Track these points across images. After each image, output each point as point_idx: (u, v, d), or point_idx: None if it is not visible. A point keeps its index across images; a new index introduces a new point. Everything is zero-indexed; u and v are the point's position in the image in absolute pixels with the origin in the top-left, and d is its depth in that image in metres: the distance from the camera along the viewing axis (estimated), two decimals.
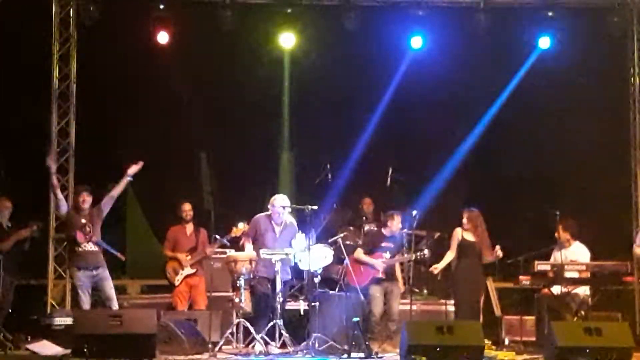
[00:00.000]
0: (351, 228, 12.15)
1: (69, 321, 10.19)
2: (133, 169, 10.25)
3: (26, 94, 12.33)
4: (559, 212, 10.78)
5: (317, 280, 10.41)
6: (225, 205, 12.50)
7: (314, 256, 10.39)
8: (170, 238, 11.24)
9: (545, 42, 12.73)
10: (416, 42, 12.83)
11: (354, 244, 11.37)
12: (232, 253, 10.70)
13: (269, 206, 10.59)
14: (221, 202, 12.66)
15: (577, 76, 12.59)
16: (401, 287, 11.06)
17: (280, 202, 10.54)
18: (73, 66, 12.52)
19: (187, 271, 11.10)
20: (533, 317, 11.08)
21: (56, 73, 12.48)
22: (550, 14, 12.49)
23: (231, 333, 10.21)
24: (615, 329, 9.38)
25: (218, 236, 10.91)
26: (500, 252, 10.84)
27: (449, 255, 11.00)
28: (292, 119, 13.29)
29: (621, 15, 12.51)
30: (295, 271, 10.70)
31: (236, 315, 10.35)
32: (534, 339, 10.94)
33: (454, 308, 11.03)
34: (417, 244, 11.44)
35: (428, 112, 13.04)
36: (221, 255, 11.16)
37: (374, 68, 13.05)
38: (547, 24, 12.60)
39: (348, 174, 12.79)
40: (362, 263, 10.83)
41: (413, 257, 10.86)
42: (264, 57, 12.98)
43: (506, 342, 11.21)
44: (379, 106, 13.19)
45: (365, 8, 12.58)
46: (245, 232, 10.64)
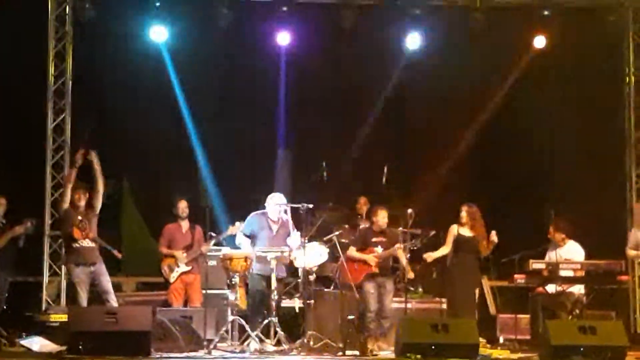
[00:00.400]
0: (346, 226, 12.14)
1: (64, 318, 10.18)
2: (93, 156, 10.13)
3: (22, 91, 12.32)
4: (554, 211, 10.79)
5: (312, 278, 10.41)
6: (221, 203, 12.51)
7: (309, 254, 10.39)
8: (165, 235, 11.22)
9: (541, 42, 12.76)
10: (413, 41, 12.86)
11: (349, 243, 11.36)
12: (228, 250, 10.70)
13: (265, 204, 10.61)
14: (217, 200, 12.67)
15: (573, 75, 12.61)
16: (411, 274, 10.97)
17: (276, 201, 10.56)
18: (69, 63, 12.52)
19: (183, 268, 11.08)
20: (528, 316, 11.11)
21: (52, 70, 12.47)
22: (546, 14, 12.52)
23: (226, 330, 10.22)
24: (609, 328, 9.41)
25: (213, 234, 10.91)
26: (495, 238, 10.81)
27: (444, 249, 10.98)
28: (288, 118, 13.28)
29: (617, 15, 12.54)
30: (290, 269, 10.71)
31: (231, 312, 10.34)
32: (529, 338, 10.97)
33: (447, 303, 11.02)
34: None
35: (424, 111, 13.07)
36: (216, 252, 11.16)
37: (371, 67, 13.06)
38: (543, 24, 12.62)
39: (344, 173, 12.80)
40: (356, 260, 10.82)
41: (402, 247, 10.78)
42: (260, 55, 12.97)
43: (501, 341, 11.25)
44: (376, 105, 13.20)
45: (361, 7, 12.59)
46: (240, 230, 10.65)
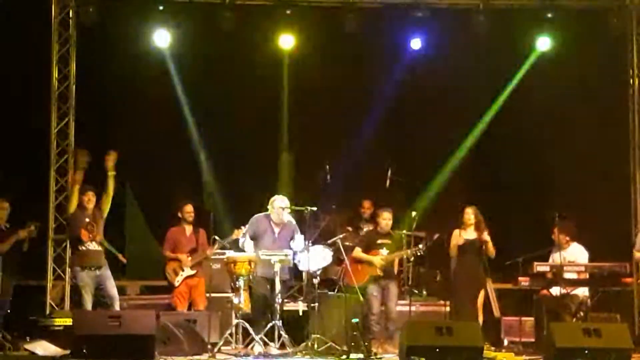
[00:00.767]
0: (350, 229, 12.14)
1: (68, 322, 10.18)
2: (110, 162, 10.20)
3: (25, 95, 12.33)
4: (558, 214, 10.78)
5: (316, 281, 10.41)
6: (224, 206, 12.51)
7: (313, 257, 10.39)
8: (170, 239, 11.23)
9: (544, 44, 12.75)
10: (415, 44, 12.85)
11: (353, 245, 11.37)
12: (232, 254, 10.70)
13: (269, 207, 10.61)
14: (221, 204, 12.67)
15: (576, 77, 12.60)
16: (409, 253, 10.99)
17: (279, 203, 10.55)
18: (72, 67, 12.52)
19: (188, 272, 11.09)
20: (532, 318, 11.10)
21: (55, 74, 12.47)
22: (549, 16, 12.51)
23: (230, 334, 10.21)
24: (614, 330, 9.40)
25: (217, 237, 10.91)
26: (487, 237, 10.80)
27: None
28: (292, 120, 13.28)
29: (620, 16, 12.51)
30: (294, 272, 10.71)
31: (235, 316, 10.34)
32: (533, 340, 10.97)
33: (451, 306, 11.01)
34: (416, 245, 11.42)
35: (427, 114, 13.07)
36: (220, 256, 11.15)
37: (373, 69, 13.05)
38: (547, 26, 12.62)
39: (347, 175, 12.80)
40: (361, 262, 10.82)
41: (409, 253, 10.83)
42: (263, 59, 12.98)
43: (505, 343, 11.23)
44: (379, 108, 13.19)
45: (364, 10, 12.59)
46: (244, 233, 10.65)
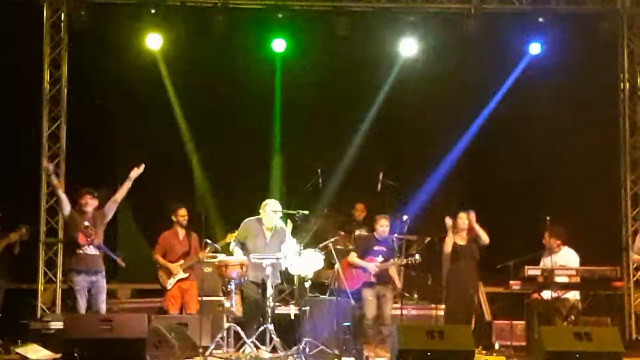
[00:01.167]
0: (342, 233, 12.16)
1: (60, 325, 10.15)
2: (135, 172, 10.16)
3: (16, 98, 12.31)
4: (549, 217, 10.81)
5: (308, 285, 10.41)
6: (216, 209, 12.52)
7: (305, 261, 10.39)
8: (162, 243, 11.20)
9: (535, 48, 12.79)
10: (407, 48, 12.88)
11: (345, 249, 11.37)
12: (223, 257, 10.69)
13: (261, 211, 10.60)
14: (212, 207, 12.67)
15: (567, 82, 12.64)
16: (398, 285, 11.04)
17: (271, 207, 10.55)
18: (64, 71, 12.51)
19: (180, 275, 11.08)
20: (523, 322, 11.11)
21: (47, 77, 12.46)
22: (540, 20, 12.55)
23: (222, 337, 10.18)
24: (605, 334, 9.40)
25: (209, 241, 10.90)
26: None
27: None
28: (284, 124, 13.29)
29: (611, 21, 12.56)
30: (285, 275, 10.70)
31: (227, 319, 10.34)
32: (524, 344, 10.98)
33: (444, 309, 11.04)
34: (408, 249, 11.45)
35: (419, 117, 13.09)
36: (212, 259, 11.15)
37: (366, 73, 13.09)
38: (538, 30, 12.66)
39: (339, 179, 12.82)
40: (355, 267, 10.84)
41: (404, 262, 10.89)
42: (256, 62, 12.98)
43: (496, 347, 11.23)
44: (371, 111, 13.21)
45: (356, 13, 12.62)
46: (235, 237, 10.64)
